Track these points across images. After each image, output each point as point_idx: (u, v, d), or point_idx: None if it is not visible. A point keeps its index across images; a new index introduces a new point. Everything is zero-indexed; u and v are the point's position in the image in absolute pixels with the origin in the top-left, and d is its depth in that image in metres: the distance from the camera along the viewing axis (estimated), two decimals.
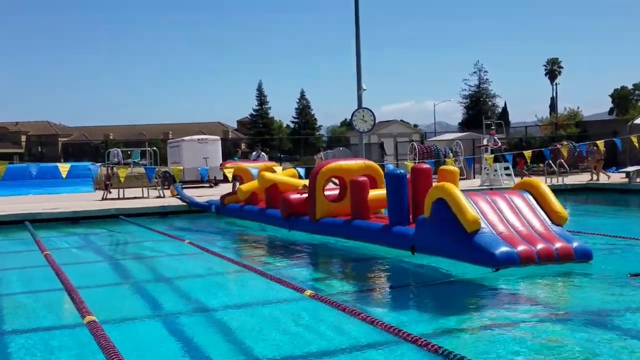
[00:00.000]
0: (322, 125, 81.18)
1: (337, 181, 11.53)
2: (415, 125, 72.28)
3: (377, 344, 4.94)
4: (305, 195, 11.31)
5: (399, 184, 9.09)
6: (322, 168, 10.96)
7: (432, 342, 4.29)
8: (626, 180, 19.33)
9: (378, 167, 11.46)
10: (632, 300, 6.04)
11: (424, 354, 4.41)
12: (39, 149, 67.03)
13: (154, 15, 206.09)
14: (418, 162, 18.73)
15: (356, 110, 19.81)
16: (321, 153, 26.66)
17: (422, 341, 4.36)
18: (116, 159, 22.95)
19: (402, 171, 9.39)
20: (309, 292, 6.10)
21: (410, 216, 9.07)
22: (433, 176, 9.75)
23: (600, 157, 20.95)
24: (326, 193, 11.06)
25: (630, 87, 76.46)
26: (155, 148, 23.09)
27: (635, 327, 5.17)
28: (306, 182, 12.15)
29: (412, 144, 28.96)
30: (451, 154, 24.30)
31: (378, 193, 10.23)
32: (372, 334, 5.06)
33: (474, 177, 24.17)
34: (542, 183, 8.56)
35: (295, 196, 11.86)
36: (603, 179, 20.57)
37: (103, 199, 18.96)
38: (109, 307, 6.49)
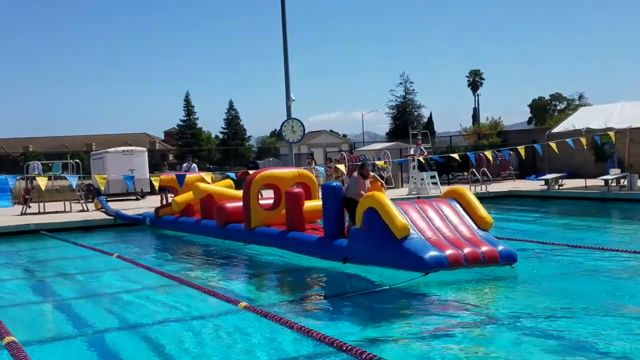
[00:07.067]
0: (251, 136, 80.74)
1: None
2: (344, 136, 73.13)
3: (313, 354, 4.94)
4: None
5: (334, 196, 9.17)
6: (256, 176, 10.93)
7: (366, 351, 4.32)
8: (545, 187, 20.20)
9: (312, 175, 11.53)
10: (556, 302, 6.30)
11: None
12: None
13: (75, 22, 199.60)
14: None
15: (285, 120, 19.84)
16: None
17: (357, 350, 4.38)
18: (36, 172, 21.97)
19: (337, 184, 9.49)
20: (243, 303, 6.03)
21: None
22: None
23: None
24: (260, 202, 11.03)
25: (547, 97, 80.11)
26: (77, 160, 22.23)
27: (559, 327, 5.38)
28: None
29: (342, 154, 29.28)
30: (380, 163, 24.65)
31: (313, 204, 10.26)
32: (307, 345, 5.05)
33: (402, 186, 24.64)
34: (468, 191, 8.83)
35: (230, 205, 11.76)
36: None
37: (22, 213, 18.12)
38: (31, 327, 6.22)
